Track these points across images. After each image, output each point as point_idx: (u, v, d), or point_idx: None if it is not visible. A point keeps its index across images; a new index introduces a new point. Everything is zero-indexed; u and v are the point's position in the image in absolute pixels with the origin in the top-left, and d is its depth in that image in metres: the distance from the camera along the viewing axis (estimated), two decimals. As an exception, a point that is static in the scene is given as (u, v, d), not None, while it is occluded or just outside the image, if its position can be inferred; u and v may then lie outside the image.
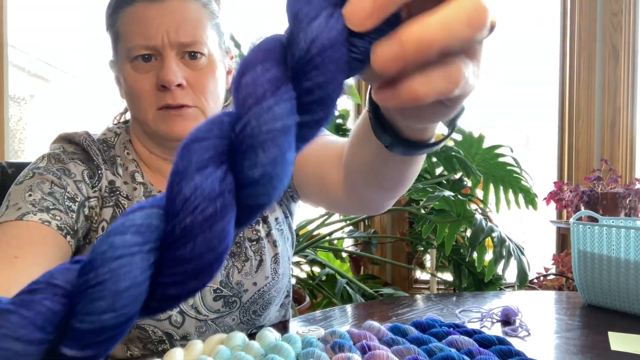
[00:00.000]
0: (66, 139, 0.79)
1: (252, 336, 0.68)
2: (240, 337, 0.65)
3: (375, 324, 0.71)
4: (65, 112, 2.45)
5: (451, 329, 0.72)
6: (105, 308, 0.20)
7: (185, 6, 0.73)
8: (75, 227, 0.70)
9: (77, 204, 0.71)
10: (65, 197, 0.70)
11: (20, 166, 1.01)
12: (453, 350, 0.63)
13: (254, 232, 0.82)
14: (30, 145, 2.36)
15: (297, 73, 0.24)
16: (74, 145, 0.78)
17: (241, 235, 0.81)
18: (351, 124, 2.65)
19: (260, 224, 0.83)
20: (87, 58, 2.41)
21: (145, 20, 0.71)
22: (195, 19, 0.73)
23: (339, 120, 2.31)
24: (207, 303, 0.78)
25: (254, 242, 0.82)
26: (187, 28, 0.72)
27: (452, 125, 0.46)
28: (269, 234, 0.83)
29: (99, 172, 0.75)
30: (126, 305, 0.21)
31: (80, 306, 0.21)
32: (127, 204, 0.75)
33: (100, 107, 2.43)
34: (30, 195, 0.68)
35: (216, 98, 0.77)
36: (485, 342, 0.68)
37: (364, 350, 0.62)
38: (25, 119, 2.37)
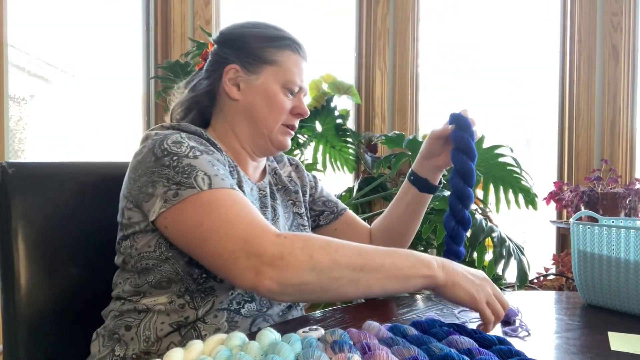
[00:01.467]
0: (177, 128, 0.93)
1: (252, 336, 0.68)
2: (240, 337, 0.65)
3: (375, 324, 0.71)
4: (65, 112, 2.45)
5: (451, 329, 0.72)
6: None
7: None
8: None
9: (232, 178, 0.88)
10: (228, 172, 0.88)
11: (21, 166, 1.01)
12: (453, 350, 0.63)
13: (303, 221, 1.10)
14: (30, 145, 2.36)
15: None
16: (188, 132, 0.92)
17: (296, 221, 1.09)
18: (351, 124, 2.65)
19: (305, 219, 1.11)
20: (87, 58, 2.41)
21: (302, 70, 1.03)
22: None
23: (339, 121, 2.31)
24: None
25: (305, 228, 1.10)
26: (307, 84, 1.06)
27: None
28: (307, 226, 1.13)
29: (222, 153, 0.93)
30: None
31: None
32: (237, 177, 0.95)
33: (100, 107, 2.43)
34: (217, 169, 0.83)
35: None
36: (485, 342, 0.68)
37: (364, 350, 0.62)
38: (25, 119, 2.37)
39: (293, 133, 1.04)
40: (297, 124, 1.04)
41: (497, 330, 0.83)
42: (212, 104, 1.02)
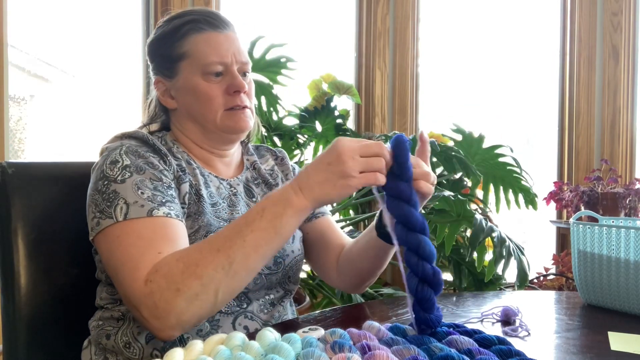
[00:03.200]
0: (127, 136, 0.94)
1: (251, 336, 0.68)
2: (240, 337, 0.65)
3: (375, 324, 0.71)
4: (65, 112, 2.45)
5: (451, 329, 0.72)
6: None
7: (236, 37, 0.98)
8: (183, 210, 0.87)
9: (173, 189, 0.86)
10: (165, 187, 0.85)
11: (21, 166, 1.01)
12: (453, 350, 0.62)
13: None
14: (30, 145, 2.36)
15: None
16: (136, 140, 0.92)
17: None
18: (351, 124, 2.65)
19: None
20: (87, 58, 2.41)
21: (218, 44, 0.94)
22: (243, 47, 0.98)
23: (339, 120, 2.31)
24: None
25: None
26: (243, 53, 0.97)
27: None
28: None
29: (167, 158, 0.90)
30: None
31: None
32: (192, 179, 0.92)
33: (100, 107, 2.43)
34: (142, 192, 0.82)
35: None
36: (485, 342, 0.68)
37: (364, 351, 0.61)
38: (25, 119, 2.37)
39: (245, 111, 0.95)
40: (242, 100, 0.94)
41: (497, 330, 0.83)
42: (166, 116, 1.02)
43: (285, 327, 0.86)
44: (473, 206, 2.06)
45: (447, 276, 2.37)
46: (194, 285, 0.72)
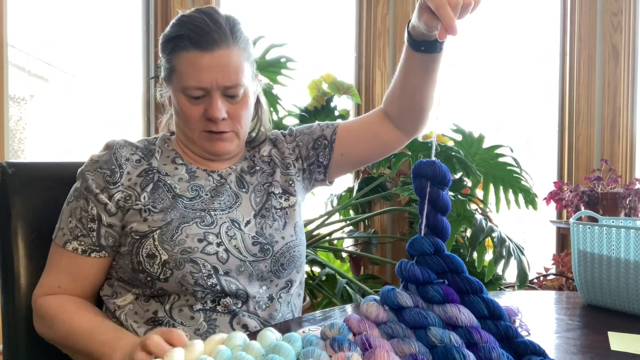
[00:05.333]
0: (105, 146, 0.99)
1: (252, 336, 0.68)
2: (240, 337, 0.65)
3: (374, 303, 0.69)
4: (65, 112, 2.45)
5: (445, 284, 0.68)
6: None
7: (230, 53, 0.92)
8: (99, 242, 0.93)
9: (96, 222, 0.93)
10: (88, 219, 0.93)
11: (21, 166, 1.01)
12: (452, 335, 0.61)
13: (279, 203, 1.02)
14: (30, 145, 2.36)
15: None
16: (107, 150, 0.97)
17: (269, 203, 1.00)
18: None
19: (283, 199, 1.02)
20: (87, 58, 2.41)
21: (199, 67, 0.90)
22: (237, 64, 0.93)
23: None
24: (247, 246, 0.94)
25: (279, 210, 1.01)
26: (230, 75, 0.92)
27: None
28: (290, 207, 1.03)
29: (121, 170, 0.94)
30: None
31: None
32: (167, 178, 0.96)
33: (100, 107, 2.43)
34: (70, 220, 0.94)
35: (248, 121, 1.01)
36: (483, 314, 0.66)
37: (364, 346, 0.61)
38: (25, 119, 2.37)
39: (223, 136, 0.95)
40: (218, 127, 0.93)
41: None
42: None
43: (287, 327, 0.86)
44: (473, 206, 2.06)
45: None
46: (47, 334, 0.92)
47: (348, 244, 2.53)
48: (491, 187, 2.05)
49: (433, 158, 0.71)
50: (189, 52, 0.90)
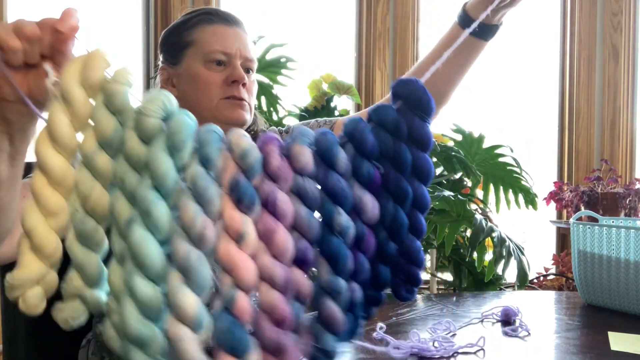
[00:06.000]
0: None
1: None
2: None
3: (308, 150, 0.51)
4: (65, 112, 2.45)
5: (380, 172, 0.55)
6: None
7: (246, 36, 1.00)
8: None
9: None
10: None
11: (20, 166, 1.01)
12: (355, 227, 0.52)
13: None
14: (30, 145, 2.36)
15: None
16: None
17: None
18: (351, 124, 2.65)
19: None
20: (87, 58, 2.42)
21: (225, 35, 0.96)
22: (252, 47, 1.00)
23: (338, 117, 2.31)
24: None
25: None
26: (250, 50, 0.98)
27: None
28: None
29: None
30: None
31: None
32: None
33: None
34: None
35: (254, 103, 1.01)
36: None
37: (266, 204, 0.50)
38: (25, 119, 2.37)
39: (244, 103, 0.95)
40: (240, 92, 0.94)
41: (497, 330, 0.83)
42: None
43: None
44: (473, 206, 2.06)
45: (447, 276, 2.37)
46: None
47: (348, 244, 2.52)
48: (491, 187, 2.05)
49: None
50: (215, 24, 0.96)
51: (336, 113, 2.29)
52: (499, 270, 1.51)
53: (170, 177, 0.48)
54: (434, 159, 1.88)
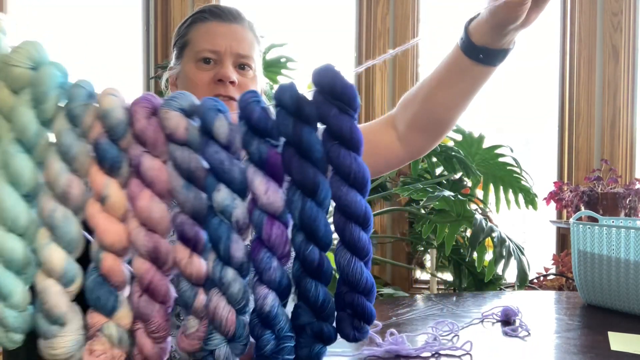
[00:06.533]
0: None
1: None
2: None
3: (179, 116, 0.51)
4: (65, 112, 2.45)
5: (277, 152, 0.51)
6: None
7: (245, 30, 0.97)
8: None
9: None
10: None
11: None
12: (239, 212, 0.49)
13: None
14: None
15: None
16: None
17: None
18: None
19: None
20: (87, 58, 2.41)
21: (215, 33, 0.94)
22: (250, 42, 0.97)
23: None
24: None
25: None
26: (244, 45, 0.95)
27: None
28: None
29: None
30: None
31: None
32: None
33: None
34: None
35: None
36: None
37: (133, 166, 0.49)
38: (25, 119, 2.37)
39: (230, 102, 0.90)
40: (226, 91, 0.91)
41: (497, 330, 0.83)
42: None
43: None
44: (473, 206, 2.06)
45: (447, 276, 2.37)
46: None
47: (348, 244, 2.52)
48: (491, 187, 2.05)
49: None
50: (207, 23, 0.95)
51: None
52: (499, 270, 1.51)
53: (30, 130, 0.47)
54: (434, 159, 1.88)
